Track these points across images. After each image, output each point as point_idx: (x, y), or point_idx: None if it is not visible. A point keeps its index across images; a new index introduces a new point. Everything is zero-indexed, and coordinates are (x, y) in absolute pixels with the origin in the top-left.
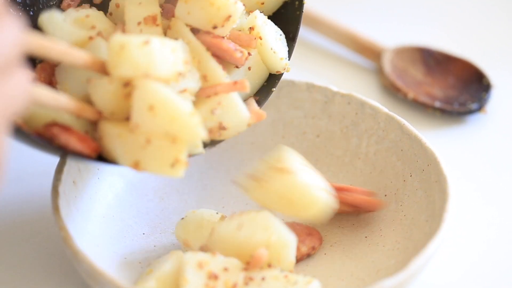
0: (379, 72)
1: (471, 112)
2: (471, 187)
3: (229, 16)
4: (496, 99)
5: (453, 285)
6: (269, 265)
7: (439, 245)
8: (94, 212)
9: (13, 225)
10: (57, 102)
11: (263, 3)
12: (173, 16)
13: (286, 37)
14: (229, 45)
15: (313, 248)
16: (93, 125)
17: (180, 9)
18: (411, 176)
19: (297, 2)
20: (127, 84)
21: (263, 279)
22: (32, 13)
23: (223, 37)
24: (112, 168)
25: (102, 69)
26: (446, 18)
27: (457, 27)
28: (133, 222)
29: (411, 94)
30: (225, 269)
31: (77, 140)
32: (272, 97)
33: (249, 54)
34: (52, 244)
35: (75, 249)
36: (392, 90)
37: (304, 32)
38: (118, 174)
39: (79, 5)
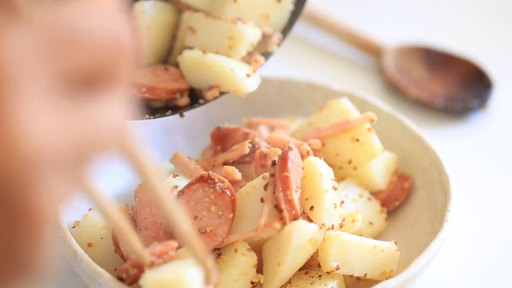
0: (381, 70)
1: (472, 109)
2: (473, 186)
3: None
4: (497, 98)
5: (455, 285)
6: None
7: (441, 245)
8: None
9: None
10: None
11: (267, 16)
12: None
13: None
14: None
15: None
16: None
17: None
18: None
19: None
20: None
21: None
22: None
23: None
24: (111, 168)
25: None
26: (448, 16)
27: (458, 25)
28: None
29: (413, 93)
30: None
31: None
32: (272, 96)
33: None
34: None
35: (73, 248)
36: (393, 89)
37: (304, 30)
38: (117, 174)
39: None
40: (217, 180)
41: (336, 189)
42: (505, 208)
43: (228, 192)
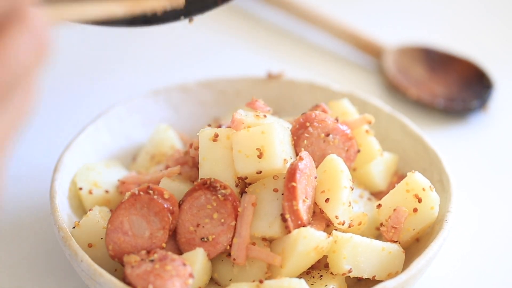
0: (381, 71)
1: (472, 110)
2: (474, 186)
3: None
4: (498, 98)
5: (456, 285)
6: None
7: (441, 245)
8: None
9: (11, 225)
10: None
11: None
12: None
13: None
14: None
15: None
16: None
17: None
18: None
19: None
20: None
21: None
22: None
23: None
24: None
25: None
26: (448, 16)
27: (458, 25)
28: None
29: (413, 93)
30: None
31: None
32: (273, 96)
33: None
34: (51, 244)
35: (74, 249)
36: (394, 89)
37: (304, 31)
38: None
39: None
40: (219, 187)
41: (352, 189)
42: (506, 208)
43: (230, 199)
